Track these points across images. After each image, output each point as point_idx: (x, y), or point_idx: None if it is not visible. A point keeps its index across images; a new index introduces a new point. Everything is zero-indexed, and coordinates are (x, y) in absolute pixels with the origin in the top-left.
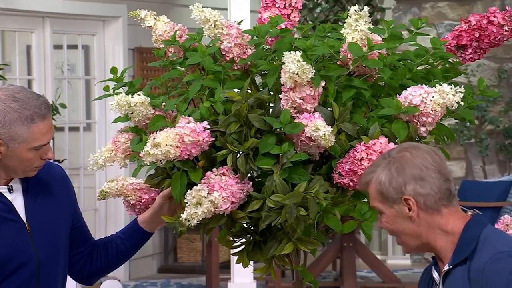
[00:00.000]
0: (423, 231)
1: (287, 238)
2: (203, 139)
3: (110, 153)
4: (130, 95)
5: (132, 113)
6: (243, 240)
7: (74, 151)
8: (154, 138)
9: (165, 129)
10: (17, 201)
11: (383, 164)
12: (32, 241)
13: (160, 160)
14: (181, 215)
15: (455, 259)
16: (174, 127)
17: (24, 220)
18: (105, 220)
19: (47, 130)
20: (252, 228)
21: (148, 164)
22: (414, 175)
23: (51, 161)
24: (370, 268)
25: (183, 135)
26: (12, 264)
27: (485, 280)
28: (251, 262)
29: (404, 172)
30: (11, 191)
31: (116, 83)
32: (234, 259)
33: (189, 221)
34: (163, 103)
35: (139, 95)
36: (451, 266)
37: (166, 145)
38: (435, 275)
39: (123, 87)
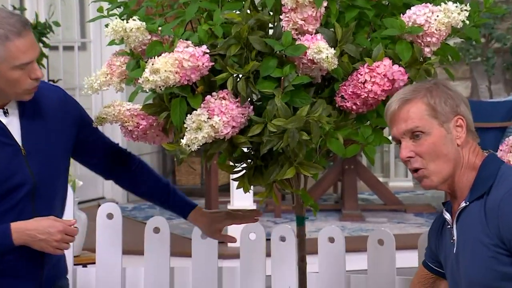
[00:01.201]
0: (460, 158)
1: (289, 163)
2: (203, 64)
3: (105, 77)
4: (125, 20)
5: (128, 38)
6: (244, 165)
7: (69, 70)
8: (152, 64)
9: (163, 54)
10: (13, 124)
11: (427, 86)
12: (27, 164)
13: (160, 87)
14: (181, 140)
15: (473, 195)
16: (172, 51)
17: (20, 144)
18: None
19: (26, 47)
20: (253, 153)
21: (148, 91)
22: (463, 99)
23: (50, 82)
24: (371, 191)
25: (182, 60)
26: (7, 185)
27: (501, 211)
28: (252, 187)
29: (455, 95)
30: (7, 114)
31: (110, 4)
32: (234, 182)
33: (189, 146)
34: (160, 28)
35: (135, 20)
36: (468, 203)
37: (165, 71)
38: (447, 216)
39: (117, 8)
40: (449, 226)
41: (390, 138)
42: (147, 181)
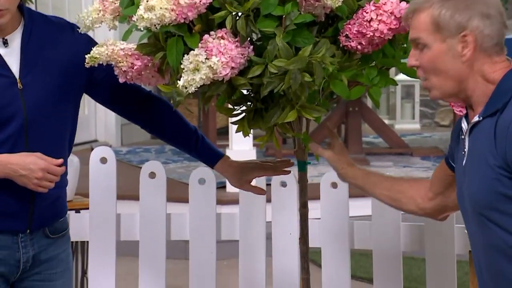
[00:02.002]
0: (467, 74)
1: (290, 106)
2: (200, 1)
3: (98, 14)
4: None
5: None
6: (243, 108)
7: (58, 6)
8: (147, 1)
9: None
10: (12, 56)
11: None
12: (22, 97)
13: (155, 25)
14: (178, 82)
15: (487, 110)
16: None
17: (17, 76)
18: None
19: None
20: (253, 95)
21: (142, 29)
22: (481, 11)
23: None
24: (376, 134)
25: None
26: None
27: (510, 133)
28: (251, 130)
29: (472, 6)
30: (6, 45)
31: None
32: (233, 125)
33: (186, 88)
34: None
35: None
36: (481, 118)
37: (161, 8)
38: (464, 125)
39: None
40: (462, 137)
41: (396, 79)
42: (173, 125)
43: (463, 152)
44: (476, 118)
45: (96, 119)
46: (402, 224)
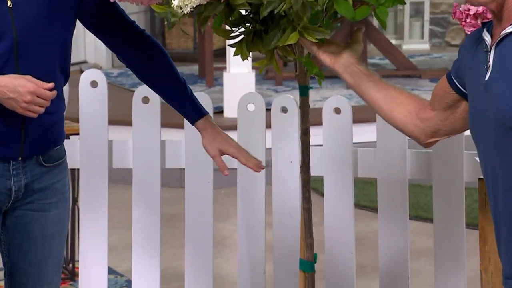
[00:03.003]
0: None
1: (292, 27)
2: None
3: None
4: None
5: None
6: (242, 29)
7: None
8: None
9: None
10: None
11: None
12: (11, 17)
13: None
14: (172, 2)
15: None
16: None
17: None
18: None
19: None
20: (252, 16)
21: None
22: None
23: None
24: (383, 55)
25: None
26: None
27: None
28: (250, 53)
29: None
30: None
31: None
32: (230, 48)
33: (181, 8)
34: None
35: None
36: None
37: None
38: (487, 38)
39: None
40: (485, 49)
41: None
42: (161, 72)
43: (485, 67)
44: (509, 29)
45: (85, 39)
46: (408, 151)
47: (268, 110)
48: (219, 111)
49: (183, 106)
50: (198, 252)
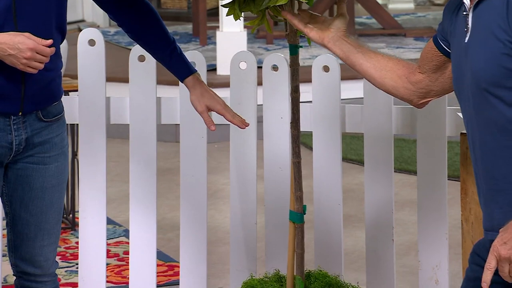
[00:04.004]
0: None
1: None
2: None
3: None
4: None
5: None
6: None
7: None
8: None
9: None
10: None
11: None
12: None
13: None
14: None
15: None
16: None
17: None
18: None
19: None
20: None
21: None
22: None
23: None
24: (369, 14)
25: None
26: None
27: None
28: (242, 13)
29: None
30: None
31: None
32: (223, 8)
33: None
34: None
35: None
36: None
37: None
38: (466, 1)
39: None
40: (465, 13)
41: None
42: (152, 31)
43: (465, 29)
44: None
45: None
46: (394, 107)
47: (259, 68)
48: (212, 69)
49: (172, 64)
50: (193, 204)
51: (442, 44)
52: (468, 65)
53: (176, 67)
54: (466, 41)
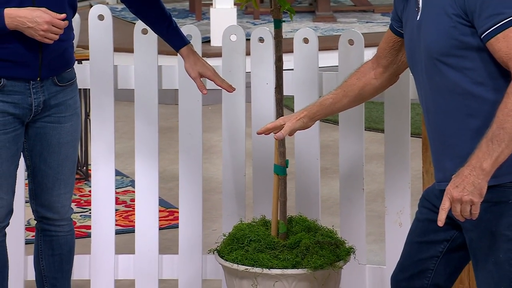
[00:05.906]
0: None
1: None
2: None
3: None
4: None
5: None
6: None
7: None
8: None
9: None
10: None
11: None
12: None
13: None
14: None
15: None
16: None
17: None
18: None
19: None
20: None
21: None
22: None
23: None
24: None
25: None
26: None
27: None
28: None
29: None
30: None
31: None
32: None
33: None
34: None
35: None
36: None
37: None
38: None
39: None
40: None
41: None
42: (151, 8)
43: (416, 9)
44: None
45: None
46: None
47: (247, 40)
48: (206, 40)
49: (169, 36)
50: (190, 158)
51: (398, 29)
52: (421, 39)
53: (172, 39)
54: (418, 19)
